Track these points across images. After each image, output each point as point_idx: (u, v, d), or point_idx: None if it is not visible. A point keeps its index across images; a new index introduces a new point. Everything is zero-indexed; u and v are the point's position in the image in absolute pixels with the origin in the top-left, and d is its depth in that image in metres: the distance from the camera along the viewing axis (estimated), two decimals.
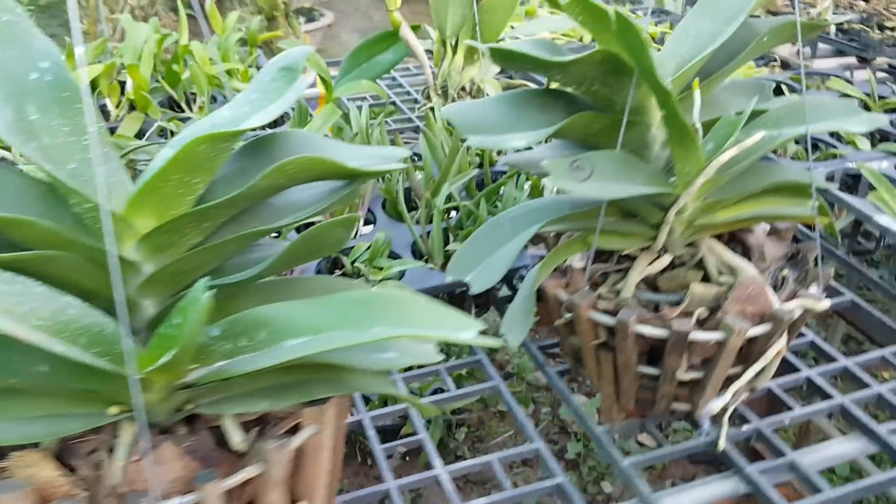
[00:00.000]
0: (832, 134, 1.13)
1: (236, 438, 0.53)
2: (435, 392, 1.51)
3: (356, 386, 0.52)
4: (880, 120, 0.64)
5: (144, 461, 0.48)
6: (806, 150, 1.12)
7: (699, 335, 0.63)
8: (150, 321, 0.51)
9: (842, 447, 0.73)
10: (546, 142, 0.66)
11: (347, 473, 1.63)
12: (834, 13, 1.64)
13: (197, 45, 1.31)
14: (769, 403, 0.79)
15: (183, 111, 1.31)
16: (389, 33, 1.28)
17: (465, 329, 0.48)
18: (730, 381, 0.68)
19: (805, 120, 0.64)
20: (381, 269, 0.84)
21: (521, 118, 0.64)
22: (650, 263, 0.69)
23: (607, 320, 0.65)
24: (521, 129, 0.63)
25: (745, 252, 0.72)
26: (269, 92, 0.51)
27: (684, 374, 0.66)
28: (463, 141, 0.91)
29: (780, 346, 0.66)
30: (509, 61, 0.61)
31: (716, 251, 0.68)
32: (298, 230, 0.83)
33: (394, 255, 0.88)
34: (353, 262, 0.86)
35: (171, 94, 1.32)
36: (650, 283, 0.70)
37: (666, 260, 0.69)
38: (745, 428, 0.73)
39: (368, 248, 0.87)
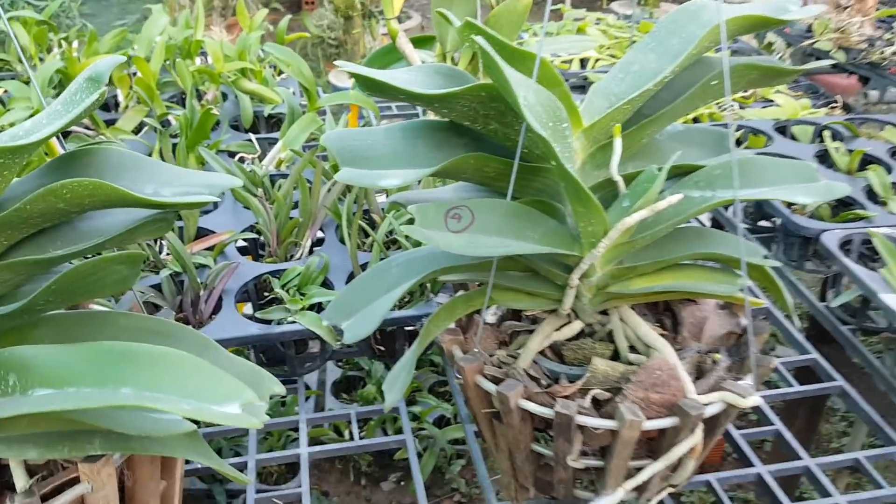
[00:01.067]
0: (869, 192, 1.00)
1: (19, 482, 0.48)
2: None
3: (141, 447, 0.46)
4: (837, 190, 0.54)
5: None
6: (833, 208, 0.99)
7: (588, 420, 0.54)
8: None
9: None
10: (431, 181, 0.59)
11: (339, 492, 1.58)
12: None
13: (211, 41, 1.28)
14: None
15: None
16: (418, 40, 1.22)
17: (229, 401, 0.42)
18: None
19: (745, 182, 0.54)
20: (303, 296, 0.78)
21: (410, 154, 0.57)
22: (558, 329, 0.61)
23: (493, 389, 0.57)
24: (404, 165, 0.55)
25: (675, 326, 0.62)
26: (70, 104, 0.45)
27: (576, 462, 0.57)
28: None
29: (692, 443, 0.56)
30: (378, 91, 0.54)
31: (630, 322, 0.59)
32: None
33: (328, 283, 0.82)
34: (283, 286, 0.80)
35: (184, 89, 1.30)
36: (557, 351, 0.61)
37: (575, 327, 0.61)
38: None
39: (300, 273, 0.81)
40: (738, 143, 1.19)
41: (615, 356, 0.60)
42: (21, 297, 0.47)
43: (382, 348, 0.81)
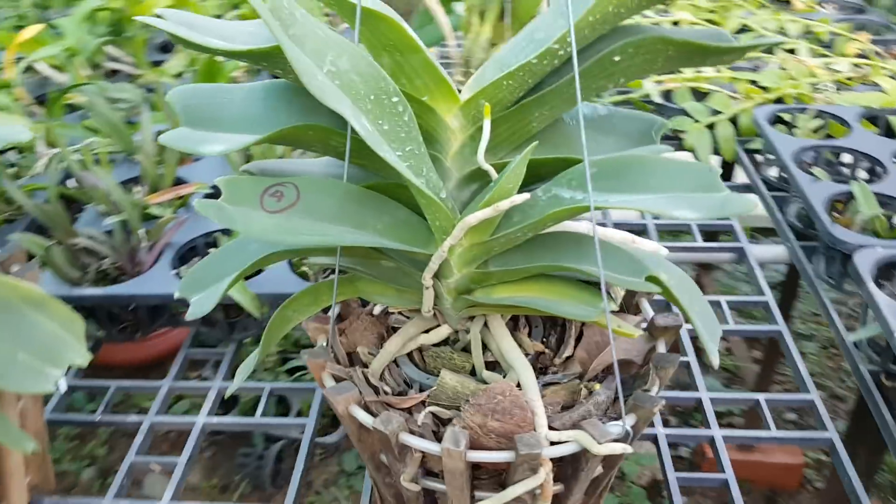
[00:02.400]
0: None
1: None
2: None
3: None
4: (737, 204, 0.43)
5: None
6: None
7: (410, 440, 0.47)
8: None
9: None
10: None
11: None
12: None
13: None
14: None
15: None
16: None
17: None
18: None
19: (622, 185, 0.45)
20: None
21: (266, 119, 0.50)
22: (427, 332, 0.54)
23: (326, 391, 0.51)
24: (249, 131, 0.50)
25: (560, 343, 0.53)
26: None
27: (413, 483, 0.51)
28: None
29: (532, 484, 0.47)
30: (194, 48, 0.48)
31: (495, 334, 0.51)
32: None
33: None
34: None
35: None
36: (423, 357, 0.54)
37: (442, 332, 0.53)
38: None
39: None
40: (817, 131, 1.03)
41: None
42: None
43: None
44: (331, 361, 0.53)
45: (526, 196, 0.44)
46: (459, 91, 0.49)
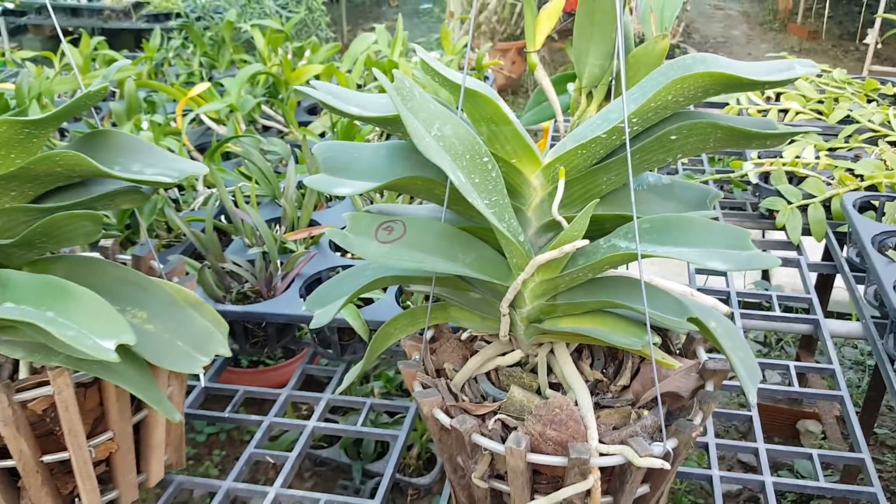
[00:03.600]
0: None
1: (22, 374, 0.63)
2: None
3: (90, 369, 0.58)
4: (762, 260, 0.51)
5: None
6: None
7: (479, 439, 0.57)
8: None
9: None
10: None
11: None
12: None
13: (405, 62, 1.41)
14: None
15: None
16: (572, 75, 1.26)
17: (110, 338, 0.51)
18: None
19: (666, 239, 0.54)
20: None
21: (385, 170, 0.62)
22: (503, 355, 0.63)
23: (415, 394, 0.62)
24: (371, 179, 0.62)
25: (616, 374, 0.62)
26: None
27: (483, 482, 0.60)
28: None
29: (582, 487, 0.56)
30: (335, 112, 0.60)
31: (560, 360, 0.60)
32: None
33: None
34: None
35: None
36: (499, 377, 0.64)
37: (516, 356, 0.63)
38: None
39: None
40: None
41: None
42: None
43: None
44: (421, 372, 0.63)
45: (585, 242, 0.53)
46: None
